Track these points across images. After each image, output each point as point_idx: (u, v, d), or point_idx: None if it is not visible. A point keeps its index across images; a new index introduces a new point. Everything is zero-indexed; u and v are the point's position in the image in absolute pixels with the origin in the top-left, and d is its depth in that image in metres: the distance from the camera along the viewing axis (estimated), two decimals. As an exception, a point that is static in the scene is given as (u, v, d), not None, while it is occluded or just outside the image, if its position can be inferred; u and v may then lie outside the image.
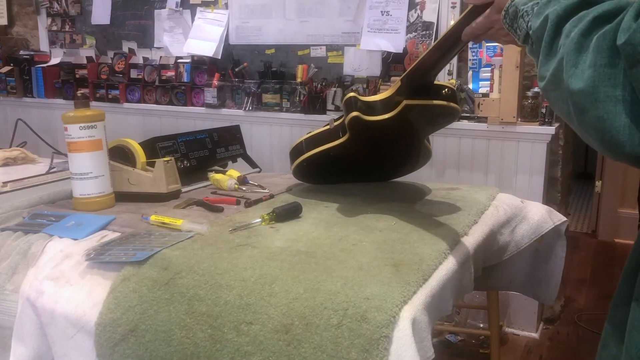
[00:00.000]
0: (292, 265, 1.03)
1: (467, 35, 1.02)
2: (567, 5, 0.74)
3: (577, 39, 0.68)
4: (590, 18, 0.68)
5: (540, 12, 0.79)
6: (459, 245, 1.19)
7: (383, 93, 1.24)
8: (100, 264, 1.13)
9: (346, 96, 1.27)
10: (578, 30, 0.68)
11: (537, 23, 0.79)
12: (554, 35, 0.74)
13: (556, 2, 0.76)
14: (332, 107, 2.79)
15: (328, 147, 1.37)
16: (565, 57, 0.69)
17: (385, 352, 0.85)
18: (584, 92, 0.65)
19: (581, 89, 0.65)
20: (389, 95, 1.22)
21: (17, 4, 3.98)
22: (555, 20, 0.74)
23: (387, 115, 1.22)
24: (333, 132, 1.36)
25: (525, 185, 2.46)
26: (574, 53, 0.68)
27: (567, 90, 0.68)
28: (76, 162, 1.41)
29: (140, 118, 3.34)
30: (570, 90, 0.67)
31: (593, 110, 0.65)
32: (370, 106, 1.23)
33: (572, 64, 0.67)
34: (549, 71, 0.72)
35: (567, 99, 0.68)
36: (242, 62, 3.14)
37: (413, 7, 2.72)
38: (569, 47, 0.69)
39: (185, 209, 1.42)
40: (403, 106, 1.21)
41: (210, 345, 0.95)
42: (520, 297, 2.25)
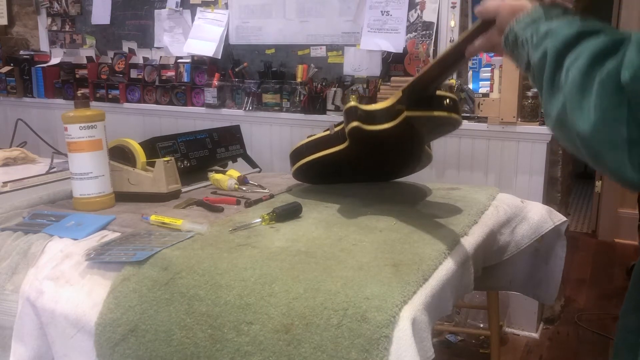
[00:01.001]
0: (292, 265, 1.03)
1: (469, 54, 1.03)
2: (564, 38, 0.73)
3: (578, 80, 0.67)
4: (589, 55, 0.67)
5: (538, 45, 0.78)
6: (459, 245, 1.19)
7: (384, 102, 1.23)
8: (100, 264, 1.13)
9: (347, 105, 1.26)
10: (578, 69, 0.68)
11: (537, 57, 0.78)
12: (555, 70, 0.73)
13: (553, 35, 0.75)
14: (332, 107, 2.79)
15: (328, 152, 1.37)
16: (569, 99, 0.68)
17: (385, 352, 0.85)
18: (592, 137, 0.65)
19: (590, 133, 0.65)
20: (390, 105, 1.22)
21: (17, 4, 3.98)
22: (554, 55, 0.73)
23: (388, 125, 1.21)
24: (333, 138, 1.36)
25: (525, 185, 2.46)
26: (578, 95, 0.67)
27: (575, 133, 0.67)
28: (76, 162, 1.41)
29: (140, 118, 3.34)
30: (578, 134, 0.66)
31: (605, 154, 0.65)
32: (371, 115, 1.23)
33: (577, 107, 0.66)
34: (554, 112, 0.71)
35: (576, 141, 0.67)
36: (242, 62, 3.14)
37: (413, 7, 2.72)
38: (572, 88, 0.68)
39: (185, 209, 1.42)
40: (404, 117, 1.21)
41: (210, 345, 0.95)
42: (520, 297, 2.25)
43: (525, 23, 0.84)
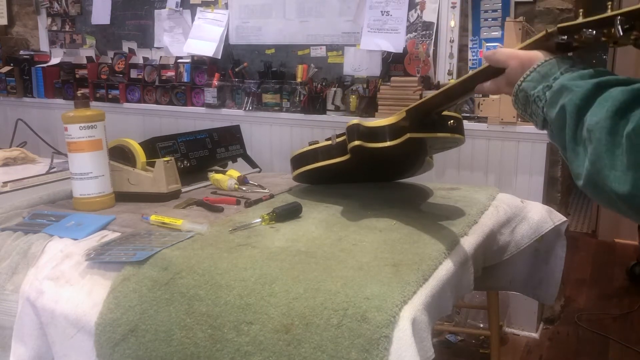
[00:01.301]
0: (292, 265, 1.03)
1: (478, 91, 1.02)
2: (582, 93, 0.71)
3: (605, 139, 0.65)
4: (611, 112, 0.65)
5: (554, 102, 0.76)
6: (459, 245, 1.19)
7: (387, 119, 1.22)
8: (100, 264, 1.13)
9: (349, 123, 1.26)
10: (603, 129, 0.66)
11: (554, 113, 0.76)
12: (576, 127, 0.71)
13: (569, 91, 0.74)
14: (332, 107, 2.79)
15: (330, 163, 1.38)
16: (599, 159, 0.66)
17: (385, 352, 0.85)
18: (633, 196, 0.63)
19: (629, 193, 0.63)
20: (393, 122, 1.22)
21: (17, 4, 3.99)
22: (574, 111, 0.72)
23: (390, 144, 1.21)
24: (335, 148, 1.36)
25: (525, 185, 2.46)
26: (608, 155, 0.65)
27: (613, 194, 0.65)
28: (76, 162, 1.41)
29: (140, 118, 3.34)
30: (617, 195, 0.65)
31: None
32: (374, 132, 1.22)
33: (610, 167, 0.65)
34: (583, 173, 0.70)
35: (616, 201, 0.66)
36: (242, 62, 3.14)
37: (413, 7, 2.72)
38: (600, 148, 0.66)
39: (185, 209, 1.42)
40: (406, 138, 1.21)
41: (210, 345, 0.95)
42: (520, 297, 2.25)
43: (535, 80, 0.82)
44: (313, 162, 1.42)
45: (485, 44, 2.59)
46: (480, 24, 2.60)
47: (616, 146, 0.64)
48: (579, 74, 0.76)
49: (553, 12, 2.47)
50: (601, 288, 3.17)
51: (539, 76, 0.82)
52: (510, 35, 2.42)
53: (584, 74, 0.75)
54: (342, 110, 2.79)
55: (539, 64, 0.83)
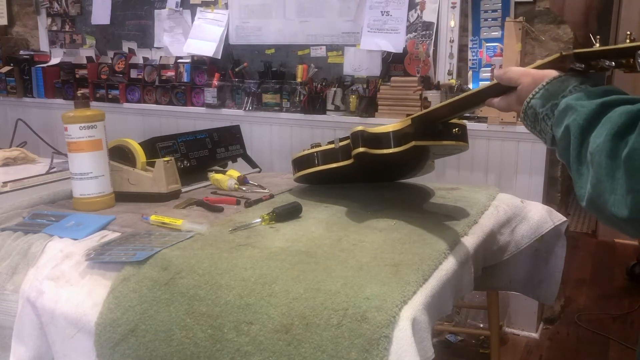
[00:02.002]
0: (292, 265, 1.03)
1: (488, 105, 1.02)
2: (586, 114, 0.71)
3: (605, 163, 0.65)
4: (611, 136, 0.65)
5: (559, 122, 0.76)
6: (459, 245, 1.19)
7: (392, 125, 1.22)
8: (100, 264, 1.13)
9: (354, 129, 1.26)
10: (602, 151, 0.66)
11: (559, 133, 0.76)
12: (580, 147, 0.71)
13: (573, 111, 0.73)
14: (332, 107, 2.79)
15: (333, 166, 1.38)
16: (599, 183, 0.66)
17: (385, 352, 0.85)
18: (632, 220, 0.64)
19: (628, 218, 0.63)
20: (397, 129, 1.22)
21: (17, 4, 3.99)
22: (577, 132, 0.71)
23: (394, 150, 1.21)
24: (338, 152, 1.37)
25: (525, 185, 2.46)
26: (609, 179, 0.65)
27: (613, 217, 0.65)
28: (76, 162, 1.41)
29: (140, 118, 3.34)
30: (617, 218, 0.65)
31: None
32: (378, 139, 1.22)
33: (610, 191, 0.65)
34: (586, 195, 0.70)
35: (617, 224, 0.66)
36: (242, 62, 3.14)
37: (413, 7, 2.72)
38: (601, 172, 0.66)
39: (185, 209, 1.42)
40: (411, 146, 1.21)
41: (210, 345, 0.95)
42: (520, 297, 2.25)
43: (544, 97, 0.81)
44: (316, 164, 1.42)
45: (486, 44, 2.59)
46: (480, 24, 2.60)
47: (616, 170, 0.64)
48: (586, 93, 0.75)
49: (553, 12, 2.47)
50: (601, 288, 3.17)
51: (548, 94, 0.81)
52: (510, 35, 2.42)
53: (591, 93, 0.75)
54: (342, 110, 2.79)
55: (548, 81, 0.82)
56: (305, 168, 1.45)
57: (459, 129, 1.27)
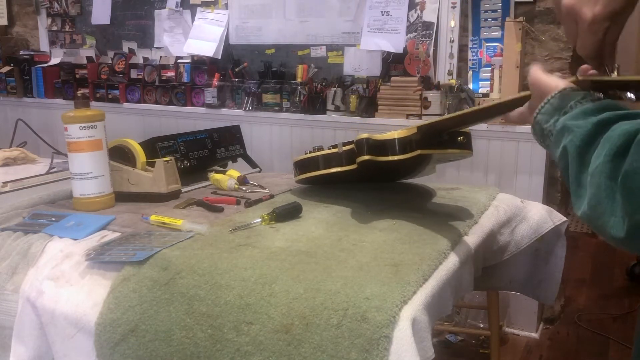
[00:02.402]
0: (292, 265, 1.03)
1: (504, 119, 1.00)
2: (583, 134, 0.70)
3: (605, 184, 0.65)
4: (610, 157, 0.64)
5: (557, 142, 0.75)
6: (459, 245, 1.19)
7: (397, 132, 1.22)
8: (100, 264, 1.13)
9: (358, 137, 1.26)
10: (602, 173, 0.65)
11: (558, 153, 0.75)
12: (580, 168, 0.70)
13: (569, 132, 0.72)
14: (332, 107, 2.79)
15: (336, 171, 1.38)
16: (599, 204, 0.66)
17: (385, 352, 0.85)
18: (629, 242, 0.64)
19: (625, 239, 0.64)
20: (403, 136, 1.21)
21: (17, 4, 3.99)
22: (575, 153, 0.71)
23: (399, 157, 1.22)
24: (341, 156, 1.37)
25: (525, 185, 2.46)
26: (608, 201, 0.65)
27: (611, 238, 0.65)
28: (76, 162, 1.41)
29: (140, 118, 3.34)
30: (615, 239, 0.65)
31: None
32: (383, 146, 1.22)
33: (610, 213, 0.64)
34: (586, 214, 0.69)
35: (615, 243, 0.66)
36: (242, 62, 3.14)
37: (413, 7, 2.72)
38: (600, 194, 0.66)
39: (185, 209, 1.42)
40: (416, 155, 1.22)
41: (210, 345, 0.95)
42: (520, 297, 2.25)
43: (548, 113, 0.80)
44: (319, 168, 1.42)
45: (486, 44, 2.59)
46: (480, 24, 2.60)
47: (616, 191, 0.64)
48: (583, 111, 0.74)
49: (553, 12, 2.47)
50: (601, 288, 3.17)
51: (552, 109, 0.80)
52: (510, 35, 2.42)
53: (588, 110, 0.73)
54: (342, 110, 2.79)
55: (552, 96, 0.80)
56: (308, 171, 1.45)
57: (464, 137, 1.27)
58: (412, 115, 2.60)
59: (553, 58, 2.50)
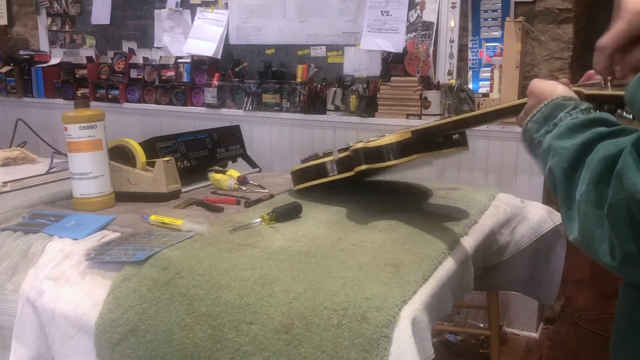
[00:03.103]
0: (292, 265, 1.03)
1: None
2: (569, 156, 0.69)
3: (592, 212, 0.64)
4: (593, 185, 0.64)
5: (544, 161, 0.75)
6: (459, 245, 1.19)
7: (392, 137, 1.22)
8: (100, 264, 1.13)
9: (353, 147, 1.26)
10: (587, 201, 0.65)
11: (545, 171, 0.75)
12: (567, 190, 0.70)
13: (555, 153, 0.72)
14: (332, 107, 2.79)
15: (333, 178, 1.38)
16: (588, 232, 0.66)
17: (385, 352, 0.85)
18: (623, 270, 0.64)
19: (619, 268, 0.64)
20: (398, 141, 1.21)
21: (17, 4, 3.98)
22: (562, 176, 0.70)
23: (395, 162, 1.22)
24: (337, 163, 1.37)
25: (525, 185, 2.46)
26: (597, 229, 0.64)
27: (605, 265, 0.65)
28: (76, 162, 1.41)
29: (140, 118, 3.34)
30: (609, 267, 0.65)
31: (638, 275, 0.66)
32: (379, 151, 1.22)
33: (600, 241, 0.64)
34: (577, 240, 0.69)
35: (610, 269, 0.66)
36: (242, 62, 3.14)
37: (413, 7, 2.72)
38: (588, 222, 0.65)
39: (185, 209, 1.42)
40: (413, 158, 1.22)
41: (210, 345, 0.95)
42: (520, 297, 2.25)
43: (539, 122, 0.79)
44: (316, 177, 1.42)
45: (486, 44, 2.59)
46: (480, 24, 2.60)
47: (604, 219, 0.63)
48: (570, 127, 0.73)
49: (553, 12, 2.47)
50: (601, 288, 3.17)
51: (543, 117, 0.79)
52: (510, 35, 2.42)
53: (575, 127, 0.72)
54: (342, 110, 2.79)
55: (545, 104, 0.80)
56: (305, 181, 1.45)
57: (459, 135, 1.27)
58: (412, 115, 2.60)
59: (553, 58, 2.50)
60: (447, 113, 2.53)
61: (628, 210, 0.60)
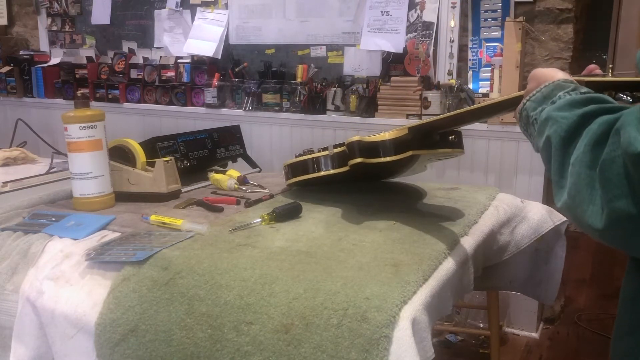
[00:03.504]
0: (292, 265, 1.03)
1: None
2: (567, 125, 0.70)
3: (585, 173, 0.65)
4: (590, 147, 0.65)
5: (541, 132, 0.75)
6: (459, 245, 1.19)
7: (388, 133, 1.22)
8: (100, 264, 1.13)
9: (349, 140, 1.26)
10: (582, 162, 0.65)
11: (541, 143, 0.75)
12: (562, 159, 0.70)
13: (554, 122, 0.72)
14: (332, 107, 2.79)
15: (327, 174, 1.38)
16: (578, 194, 0.66)
17: (385, 352, 0.85)
18: (607, 233, 0.64)
19: (603, 231, 0.64)
20: (393, 137, 1.21)
21: (17, 4, 3.98)
22: (559, 144, 0.71)
23: (391, 159, 1.21)
24: (332, 158, 1.36)
25: (525, 185, 2.46)
26: (587, 190, 0.65)
27: (589, 228, 0.65)
28: (76, 162, 1.41)
29: (140, 118, 3.34)
30: (593, 229, 0.65)
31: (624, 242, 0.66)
32: (375, 147, 1.22)
33: (589, 202, 0.64)
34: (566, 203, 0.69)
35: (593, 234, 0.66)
36: (242, 62, 3.14)
37: (413, 7, 2.72)
38: (580, 182, 0.66)
39: (185, 209, 1.42)
40: (408, 155, 1.22)
41: (210, 345, 0.95)
42: (520, 297, 2.25)
43: (537, 101, 0.80)
44: (310, 172, 1.41)
45: (486, 44, 2.59)
46: (480, 24, 2.60)
47: (595, 180, 0.64)
48: (569, 102, 0.74)
49: (553, 12, 2.47)
50: (601, 288, 3.17)
51: (542, 97, 0.80)
52: (510, 35, 2.42)
53: (574, 102, 0.73)
54: (342, 110, 2.79)
55: (545, 85, 0.81)
56: (299, 174, 1.44)
57: (455, 136, 1.27)
58: (412, 115, 2.60)
59: (553, 58, 2.50)
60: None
61: (623, 165, 0.60)
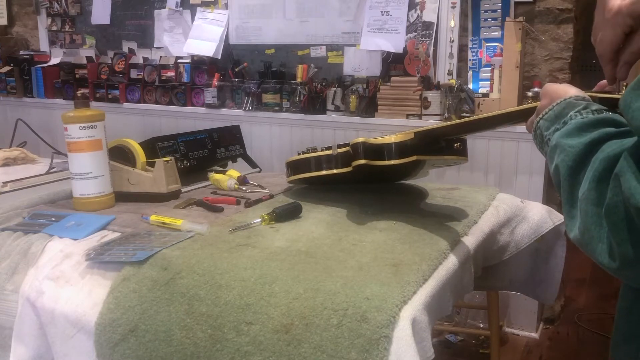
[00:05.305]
0: (292, 265, 1.03)
1: None
2: (575, 154, 0.70)
3: (592, 211, 0.65)
4: (594, 184, 0.64)
5: (551, 158, 0.75)
6: (459, 245, 1.19)
7: (393, 136, 1.22)
8: (100, 264, 1.13)
9: (354, 141, 1.25)
10: (588, 200, 0.65)
11: (551, 169, 0.75)
12: (571, 189, 0.70)
13: (561, 150, 0.72)
14: (332, 107, 2.79)
15: (329, 173, 1.38)
16: (587, 231, 0.66)
17: (385, 352, 0.85)
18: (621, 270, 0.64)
19: (618, 268, 0.64)
20: (399, 141, 1.21)
21: (17, 4, 3.98)
22: (567, 174, 0.70)
23: (395, 162, 1.21)
24: (335, 158, 1.36)
25: (525, 185, 2.46)
26: (596, 228, 0.65)
27: (602, 265, 0.66)
28: (76, 162, 1.41)
29: (140, 118, 3.34)
30: (606, 267, 0.65)
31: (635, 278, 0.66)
32: (379, 149, 1.22)
33: (598, 239, 0.65)
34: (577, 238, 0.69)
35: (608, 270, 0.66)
36: (242, 62, 3.14)
37: (413, 7, 2.72)
38: (588, 220, 0.66)
39: (185, 209, 1.42)
40: (413, 160, 1.21)
41: (210, 345, 0.95)
42: (520, 297, 2.25)
43: (550, 119, 0.80)
44: (313, 170, 1.41)
45: (486, 44, 2.59)
46: (480, 24, 2.60)
47: (602, 218, 0.64)
48: (579, 126, 0.73)
49: (553, 12, 2.47)
50: (601, 288, 3.17)
51: (554, 115, 0.80)
52: (510, 35, 2.42)
53: (583, 125, 0.73)
54: (342, 110, 2.79)
55: (557, 103, 0.81)
56: (301, 172, 1.44)
57: (460, 143, 1.27)
58: (412, 115, 2.60)
59: (553, 58, 2.50)
60: (447, 113, 2.53)
61: (625, 212, 0.60)
